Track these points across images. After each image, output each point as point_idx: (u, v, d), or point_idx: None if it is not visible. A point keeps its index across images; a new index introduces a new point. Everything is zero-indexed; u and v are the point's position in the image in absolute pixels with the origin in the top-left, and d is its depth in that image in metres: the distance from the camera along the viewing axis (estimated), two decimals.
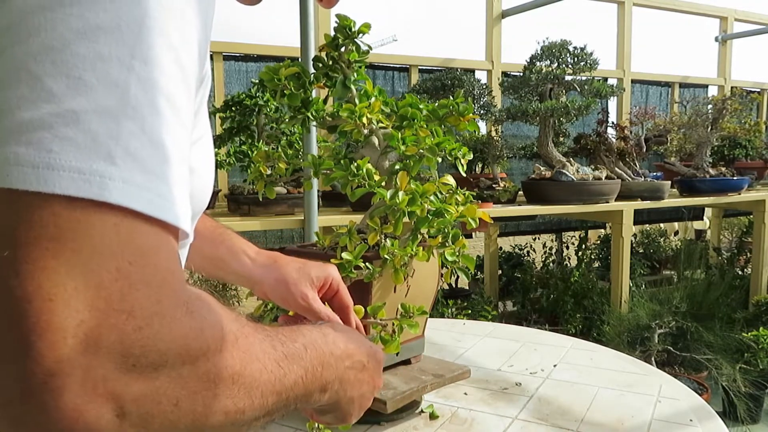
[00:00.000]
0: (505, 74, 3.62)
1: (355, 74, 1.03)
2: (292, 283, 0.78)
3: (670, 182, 3.16)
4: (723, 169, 3.42)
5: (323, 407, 0.56)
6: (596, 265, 4.14)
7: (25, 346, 0.30)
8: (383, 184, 0.98)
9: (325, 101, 1.07)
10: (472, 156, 1.11)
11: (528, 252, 4.09)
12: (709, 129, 3.27)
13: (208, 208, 0.86)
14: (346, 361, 0.55)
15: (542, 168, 2.93)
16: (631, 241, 3.74)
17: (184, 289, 0.36)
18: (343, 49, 1.01)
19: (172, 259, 0.36)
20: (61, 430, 0.31)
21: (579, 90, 2.83)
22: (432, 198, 0.95)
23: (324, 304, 0.79)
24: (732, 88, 4.59)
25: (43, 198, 0.31)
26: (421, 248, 0.94)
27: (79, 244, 0.31)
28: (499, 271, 3.82)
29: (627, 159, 3.13)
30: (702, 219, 5.03)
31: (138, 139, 0.34)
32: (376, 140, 1.04)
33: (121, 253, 0.32)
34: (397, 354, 0.95)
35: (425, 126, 1.00)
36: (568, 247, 4.27)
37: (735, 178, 3.33)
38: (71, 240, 0.31)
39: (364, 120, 0.97)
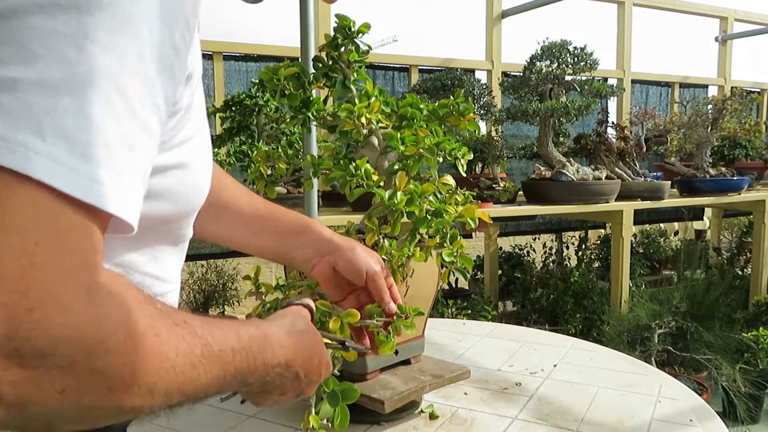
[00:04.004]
0: (505, 74, 3.62)
1: (355, 74, 1.03)
2: (369, 254, 0.81)
3: (670, 182, 3.16)
4: (723, 169, 3.42)
5: None
6: (596, 265, 4.14)
7: None
8: (382, 184, 0.98)
9: (325, 101, 1.07)
10: (472, 156, 1.11)
11: (528, 252, 4.09)
12: (709, 129, 3.27)
13: None
14: (278, 368, 0.53)
15: (542, 168, 2.93)
16: (631, 241, 3.74)
17: (93, 276, 0.35)
18: (342, 49, 1.01)
19: (89, 244, 0.34)
20: None
21: (579, 90, 2.83)
22: (431, 198, 0.95)
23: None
24: (732, 88, 4.59)
25: None
26: (419, 249, 0.94)
27: None
28: (499, 271, 3.82)
29: (627, 159, 3.12)
30: (702, 219, 5.03)
31: (75, 119, 0.33)
32: (375, 140, 1.04)
33: (31, 231, 0.31)
34: (396, 354, 0.95)
35: (425, 126, 1.00)
36: (568, 247, 4.27)
37: (735, 178, 3.33)
38: None
39: (363, 120, 0.96)
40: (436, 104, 1.04)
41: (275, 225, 0.82)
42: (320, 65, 1.03)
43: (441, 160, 0.99)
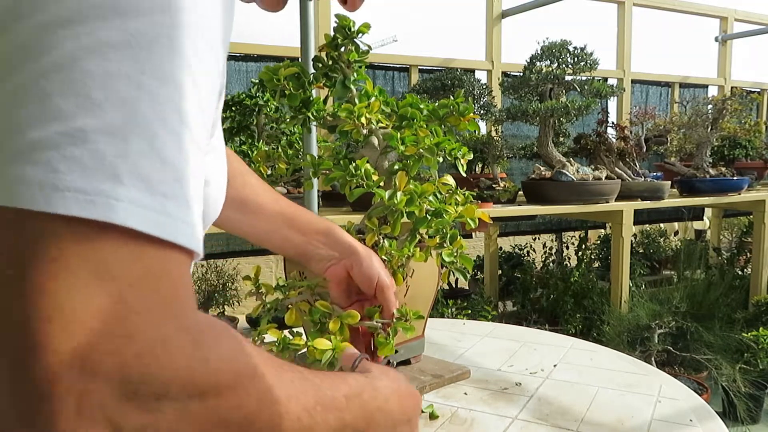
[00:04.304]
0: (505, 74, 3.62)
1: (355, 74, 1.03)
2: (382, 267, 0.83)
3: (670, 182, 3.16)
4: (723, 169, 3.42)
5: None
6: (596, 265, 4.14)
7: (21, 369, 0.29)
8: (382, 184, 0.98)
9: (325, 101, 1.07)
10: (472, 156, 1.11)
11: (528, 252, 4.09)
12: (709, 129, 3.27)
13: None
14: (397, 415, 0.52)
15: (542, 168, 2.93)
16: (631, 241, 3.74)
17: (190, 316, 0.35)
18: (342, 49, 1.01)
19: (180, 282, 0.35)
20: None
21: (579, 90, 2.83)
22: (431, 198, 0.95)
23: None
24: (732, 88, 4.59)
25: (47, 218, 0.31)
26: (419, 249, 0.94)
27: (80, 266, 0.31)
28: (499, 271, 3.82)
29: (627, 159, 3.12)
30: (702, 219, 5.03)
31: (147, 158, 0.33)
32: (375, 140, 1.04)
33: (123, 275, 0.32)
34: (396, 353, 0.95)
35: (425, 126, 1.00)
36: (568, 247, 4.27)
37: (735, 178, 3.33)
38: (72, 261, 0.31)
39: (363, 120, 0.97)
40: (436, 104, 1.04)
41: (299, 224, 0.85)
42: (320, 65, 1.03)
43: (441, 160, 0.99)
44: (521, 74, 2.91)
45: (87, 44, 0.32)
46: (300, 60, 2.03)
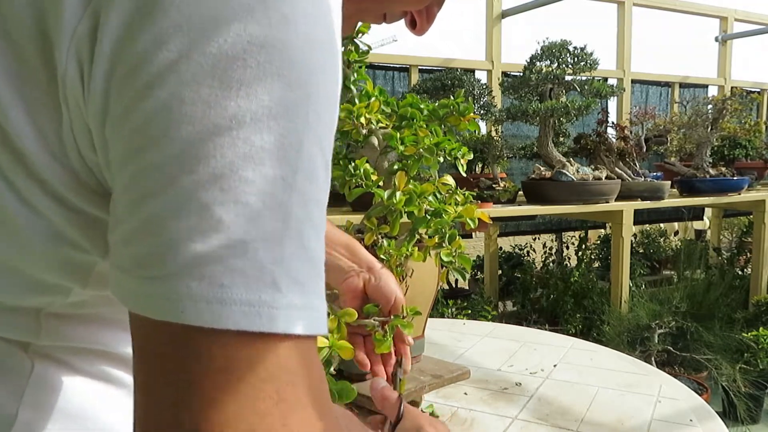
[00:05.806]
0: (505, 74, 3.62)
1: (355, 74, 1.03)
2: (397, 285, 0.84)
3: (670, 182, 3.15)
4: (723, 169, 3.42)
5: None
6: (596, 265, 4.13)
7: None
8: (381, 184, 0.98)
9: None
10: (472, 156, 1.11)
11: (528, 252, 4.09)
12: (709, 129, 3.27)
13: None
14: None
15: (542, 168, 2.93)
16: (631, 241, 3.74)
17: (331, 406, 0.37)
18: (342, 49, 1.01)
19: (320, 367, 0.37)
20: None
21: (579, 90, 2.83)
22: (431, 198, 0.95)
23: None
24: (732, 88, 4.59)
25: (215, 333, 0.32)
26: (417, 248, 0.94)
27: (245, 374, 0.32)
28: (499, 271, 3.81)
29: (627, 159, 3.12)
30: (702, 219, 5.03)
31: (298, 259, 0.34)
32: (375, 140, 1.04)
33: (280, 376, 0.33)
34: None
35: (425, 126, 1.00)
36: (568, 247, 4.27)
37: (735, 178, 3.33)
38: (237, 370, 0.32)
39: (363, 120, 0.97)
40: (436, 104, 1.04)
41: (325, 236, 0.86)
42: None
43: (441, 160, 0.99)
44: (521, 74, 2.91)
45: (244, 151, 0.32)
46: None
